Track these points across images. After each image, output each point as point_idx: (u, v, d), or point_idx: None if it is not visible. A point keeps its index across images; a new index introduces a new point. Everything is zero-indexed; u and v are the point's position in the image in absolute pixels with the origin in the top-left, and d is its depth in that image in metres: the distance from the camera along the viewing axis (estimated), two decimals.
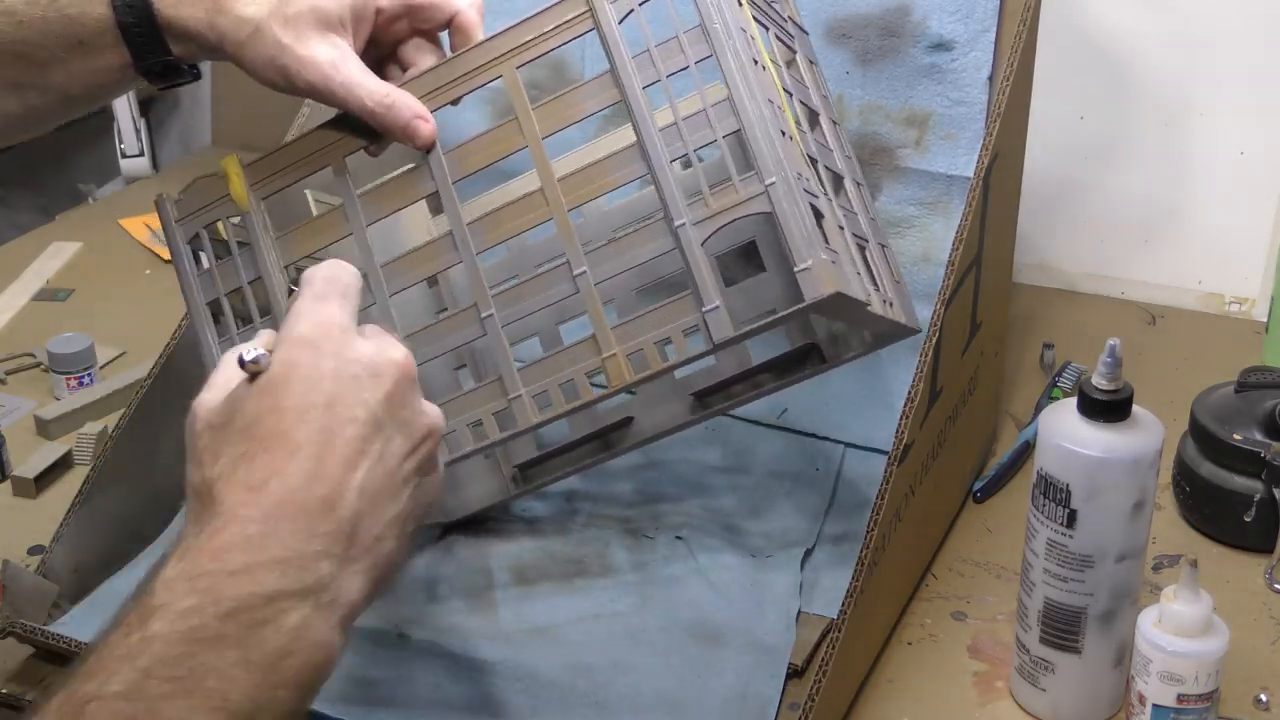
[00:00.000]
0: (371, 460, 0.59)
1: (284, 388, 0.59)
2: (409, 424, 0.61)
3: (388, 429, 0.60)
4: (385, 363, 0.61)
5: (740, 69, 0.77)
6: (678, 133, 0.79)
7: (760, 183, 0.77)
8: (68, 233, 1.63)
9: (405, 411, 0.61)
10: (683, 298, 0.80)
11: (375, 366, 0.61)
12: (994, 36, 1.04)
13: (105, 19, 0.78)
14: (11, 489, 1.13)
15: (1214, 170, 1.39)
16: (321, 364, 0.60)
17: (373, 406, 0.60)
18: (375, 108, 0.80)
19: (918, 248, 1.09)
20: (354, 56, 0.80)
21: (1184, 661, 0.81)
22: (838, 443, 1.11)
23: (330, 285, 0.64)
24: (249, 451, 0.58)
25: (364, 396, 0.60)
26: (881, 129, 1.08)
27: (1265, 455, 1.01)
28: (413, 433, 0.61)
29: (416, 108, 0.81)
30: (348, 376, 0.60)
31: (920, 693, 0.90)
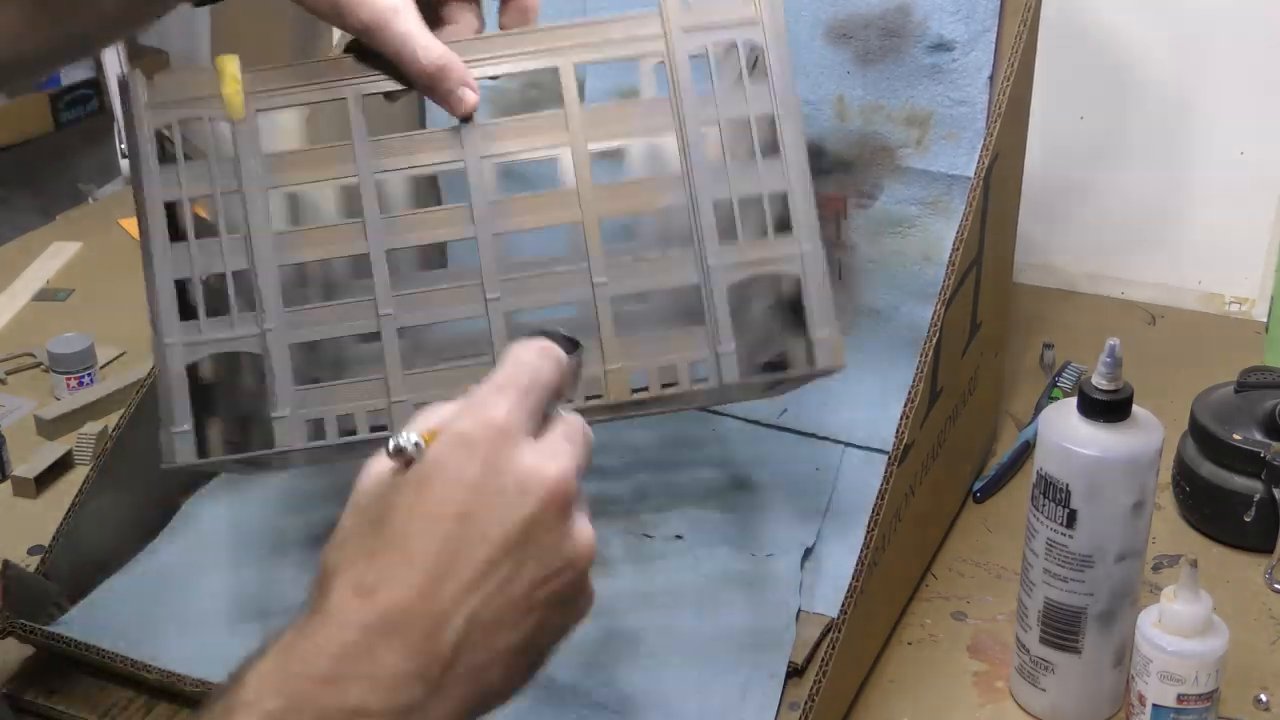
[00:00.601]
0: (493, 587, 0.55)
1: (423, 488, 0.55)
2: (550, 549, 0.56)
3: (520, 554, 0.55)
4: (537, 480, 0.56)
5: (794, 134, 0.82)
6: (725, 176, 0.81)
7: (796, 245, 0.81)
8: (68, 233, 1.63)
9: (548, 536, 0.56)
10: (692, 329, 0.81)
11: (525, 483, 0.56)
12: (994, 36, 1.04)
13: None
14: (11, 489, 1.13)
15: (1214, 170, 1.39)
16: (467, 470, 0.55)
17: (509, 527, 0.55)
18: (427, 65, 0.77)
19: (919, 247, 1.09)
20: (413, 7, 0.77)
21: (1184, 661, 0.81)
22: (838, 443, 1.11)
23: (516, 375, 0.58)
24: (370, 549, 0.55)
25: (503, 515, 0.55)
26: (882, 129, 1.08)
27: (1265, 455, 1.01)
28: (551, 561, 0.56)
29: (466, 75, 0.78)
30: (491, 490, 0.55)
31: (920, 693, 0.90)
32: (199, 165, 0.83)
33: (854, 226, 1.11)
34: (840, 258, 1.12)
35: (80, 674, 0.91)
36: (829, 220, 1.12)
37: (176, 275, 0.82)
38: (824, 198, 1.11)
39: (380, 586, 0.54)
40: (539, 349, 0.60)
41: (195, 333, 0.82)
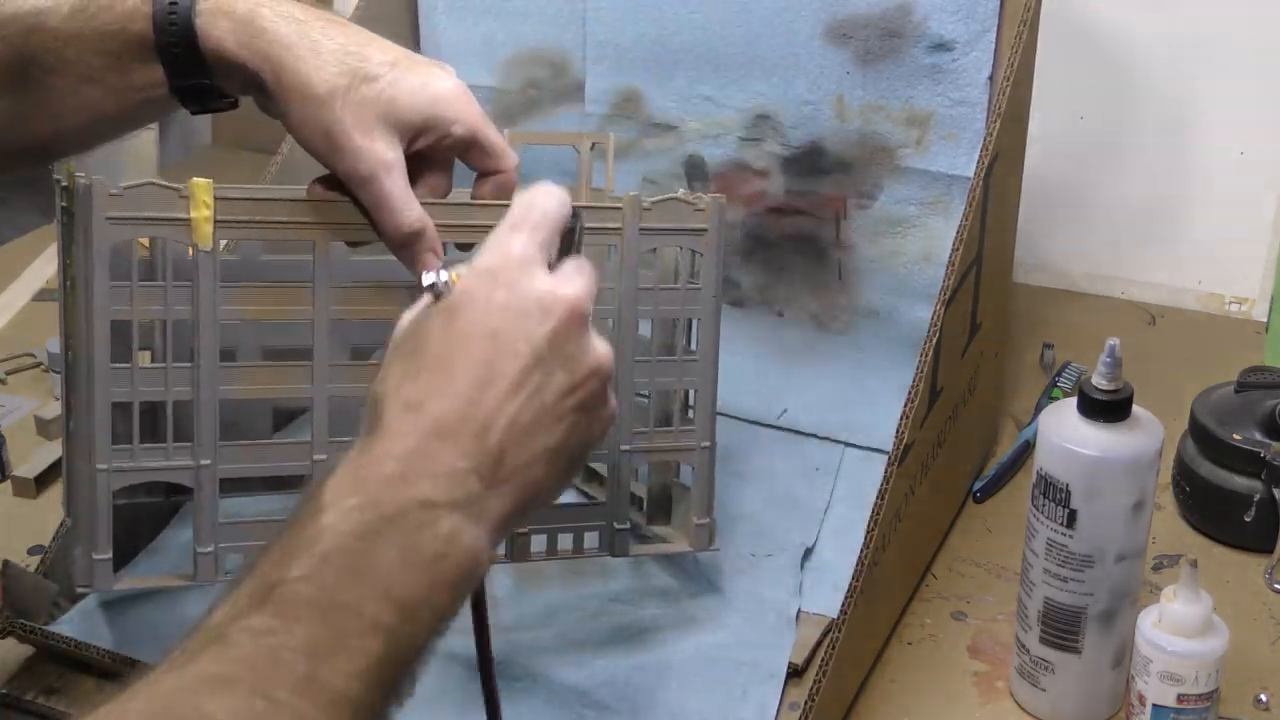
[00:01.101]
0: (527, 394, 0.61)
1: (456, 315, 0.62)
2: (573, 360, 0.63)
3: (549, 365, 0.62)
4: (556, 299, 0.62)
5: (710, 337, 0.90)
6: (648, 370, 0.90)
7: (697, 442, 0.91)
8: None
9: (570, 348, 0.63)
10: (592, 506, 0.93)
11: (546, 302, 0.62)
12: (994, 37, 1.04)
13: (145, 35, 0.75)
14: (11, 489, 1.13)
15: (1214, 170, 1.39)
16: (495, 295, 0.62)
17: (536, 342, 0.62)
18: (405, 228, 0.78)
19: (919, 247, 1.09)
20: (403, 166, 0.78)
21: (1184, 661, 0.81)
22: (837, 442, 1.11)
23: (526, 214, 0.65)
24: (413, 371, 0.61)
25: (530, 331, 0.62)
26: (882, 129, 1.08)
27: (1265, 455, 1.01)
28: (576, 370, 0.63)
29: (435, 242, 0.80)
30: (516, 310, 0.62)
31: (920, 693, 0.90)
32: (155, 289, 0.80)
33: (854, 226, 1.11)
34: (840, 258, 1.12)
35: (80, 674, 0.91)
36: (828, 220, 1.12)
37: (116, 398, 0.80)
38: (824, 198, 1.12)
39: (427, 400, 0.60)
40: (545, 190, 0.66)
41: (128, 459, 0.80)
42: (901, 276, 1.10)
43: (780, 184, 1.12)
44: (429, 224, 0.79)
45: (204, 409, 0.81)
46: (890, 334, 1.12)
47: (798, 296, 1.15)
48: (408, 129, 0.77)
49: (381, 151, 0.76)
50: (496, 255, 0.63)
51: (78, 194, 0.78)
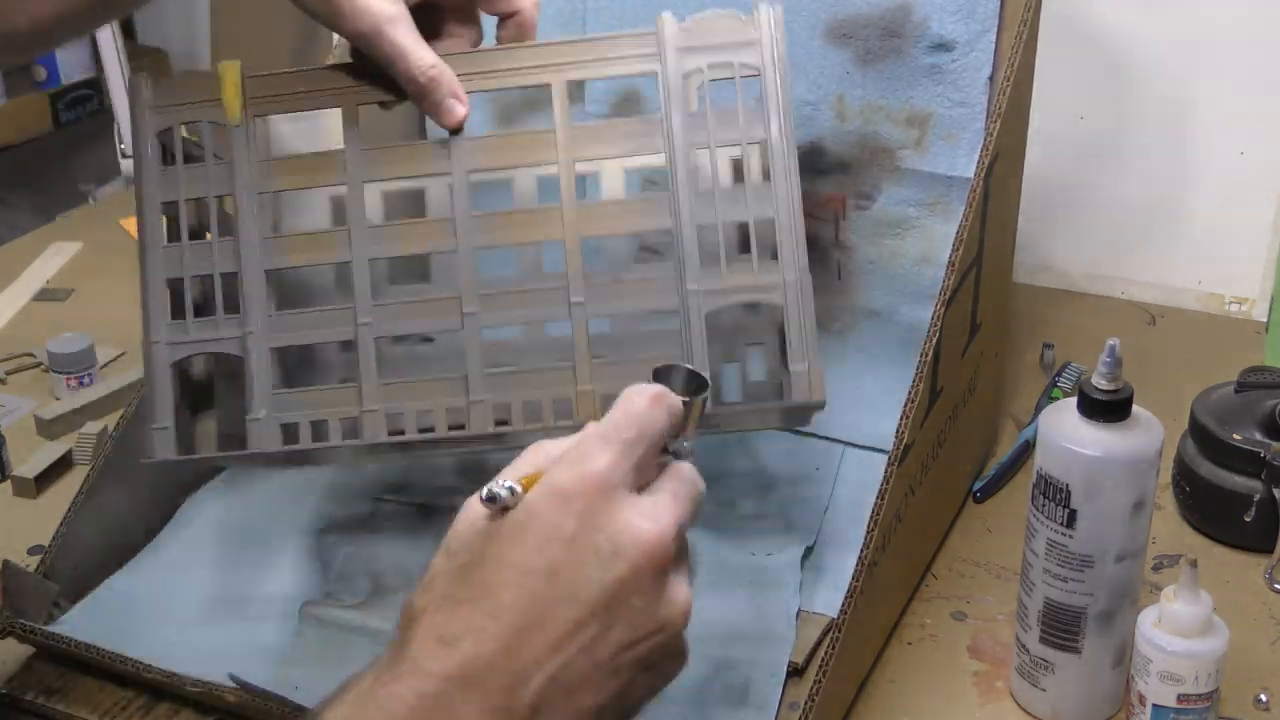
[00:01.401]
0: (578, 648, 0.53)
1: (516, 538, 0.54)
2: (641, 613, 0.55)
3: (610, 615, 0.54)
4: (632, 541, 0.54)
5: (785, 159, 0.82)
6: (713, 202, 0.81)
7: (780, 275, 0.82)
8: (68, 233, 1.63)
9: (640, 600, 0.54)
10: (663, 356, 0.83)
11: (619, 543, 0.54)
12: (994, 37, 1.04)
13: None
14: (11, 489, 1.13)
15: (1214, 170, 1.39)
16: (564, 524, 0.53)
17: (600, 588, 0.53)
18: (419, 76, 0.78)
19: (918, 248, 1.09)
20: (409, 18, 0.78)
21: (1184, 661, 0.81)
22: (838, 442, 1.12)
23: (624, 426, 0.56)
24: (456, 597, 0.53)
25: (594, 574, 0.53)
26: (882, 129, 1.08)
27: (1265, 455, 1.01)
28: (642, 624, 0.55)
29: (456, 87, 0.80)
30: (585, 548, 0.53)
31: (920, 693, 0.90)
32: (198, 168, 0.84)
33: (853, 227, 1.11)
34: (839, 258, 1.12)
35: (80, 674, 0.91)
36: (828, 221, 1.12)
37: (169, 275, 0.85)
38: (823, 198, 1.12)
39: (464, 637, 0.53)
40: (652, 397, 0.58)
41: (181, 333, 0.85)
42: (901, 277, 1.10)
43: None
44: (443, 71, 0.78)
45: (248, 278, 0.85)
46: (890, 334, 1.12)
47: None
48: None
49: (381, 7, 0.76)
50: (576, 474, 0.54)
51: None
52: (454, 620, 0.53)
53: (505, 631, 0.53)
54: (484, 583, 0.53)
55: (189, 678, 0.87)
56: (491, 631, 0.52)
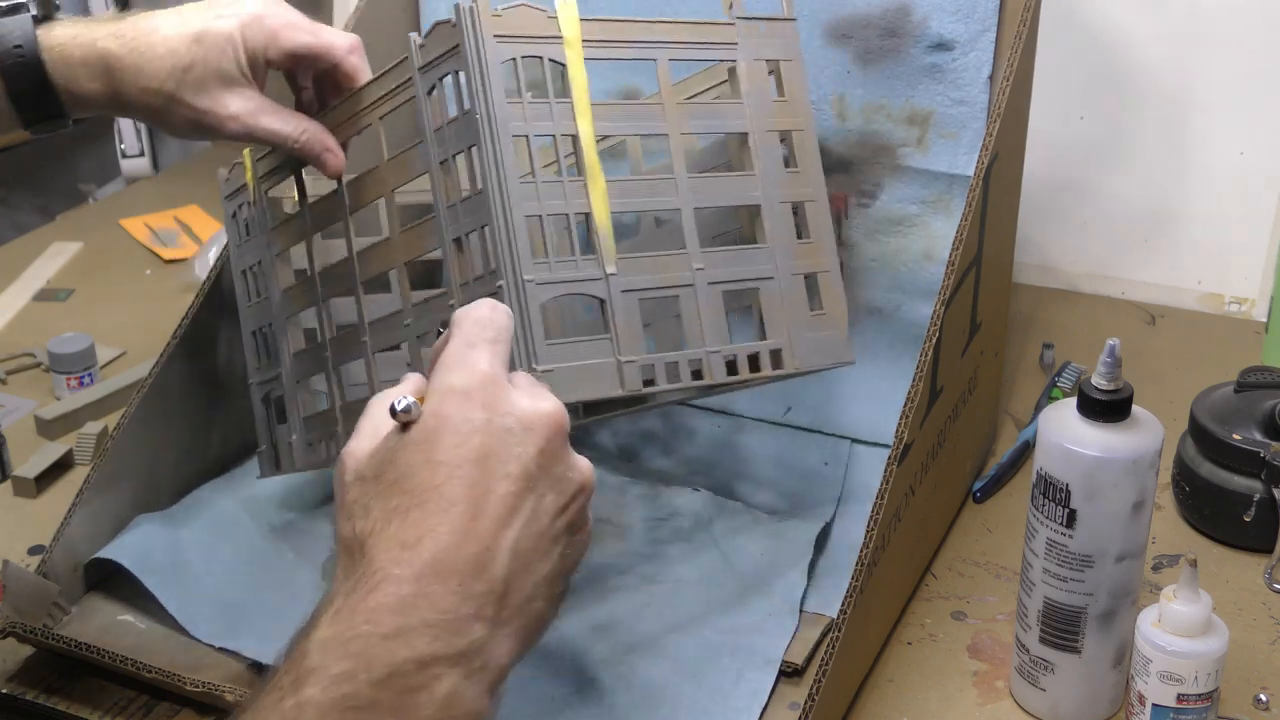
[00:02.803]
0: (524, 518, 0.58)
1: (436, 440, 0.58)
2: (562, 480, 0.60)
3: (540, 485, 0.59)
4: (537, 416, 0.59)
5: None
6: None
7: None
8: (68, 233, 1.63)
9: (558, 467, 0.60)
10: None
11: (528, 420, 0.59)
12: (994, 36, 1.04)
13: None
14: (11, 489, 1.13)
15: (1214, 170, 1.39)
16: (473, 416, 0.58)
17: (525, 462, 0.58)
18: (293, 145, 0.89)
19: (919, 246, 1.10)
20: (265, 101, 0.88)
21: (1184, 661, 0.81)
22: (844, 438, 1.12)
23: (481, 330, 0.62)
24: (401, 506, 0.57)
25: (517, 451, 0.58)
26: (883, 128, 1.08)
27: (1265, 455, 1.01)
28: (565, 489, 0.60)
29: (326, 141, 0.90)
30: (500, 430, 0.58)
31: (920, 693, 0.90)
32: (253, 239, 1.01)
33: (855, 225, 1.11)
34: (841, 256, 1.12)
35: (80, 674, 0.91)
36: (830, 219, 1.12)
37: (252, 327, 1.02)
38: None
39: (424, 536, 0.56)
40: (490, 305, 0.63)
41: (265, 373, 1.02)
42: (903, 275, 1.11)
43: None
44: (310, 134, 0.89)
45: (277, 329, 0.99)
46: (892, 332, 1.12)
47: None
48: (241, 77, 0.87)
49: (238, 107, 0.87)
50: (465, 374, 0.60)
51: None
52: (407, 526, 0.56)
53: (459, 520, 0.56)
54: (422, 487, 0.57)
55: (189, 678, 0.87)
56: (447, 524, 0.56)
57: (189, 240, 1.59)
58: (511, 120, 0.81)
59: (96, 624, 0.94)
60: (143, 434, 1.00)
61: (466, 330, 0.62)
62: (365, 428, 0.61)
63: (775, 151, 0.92)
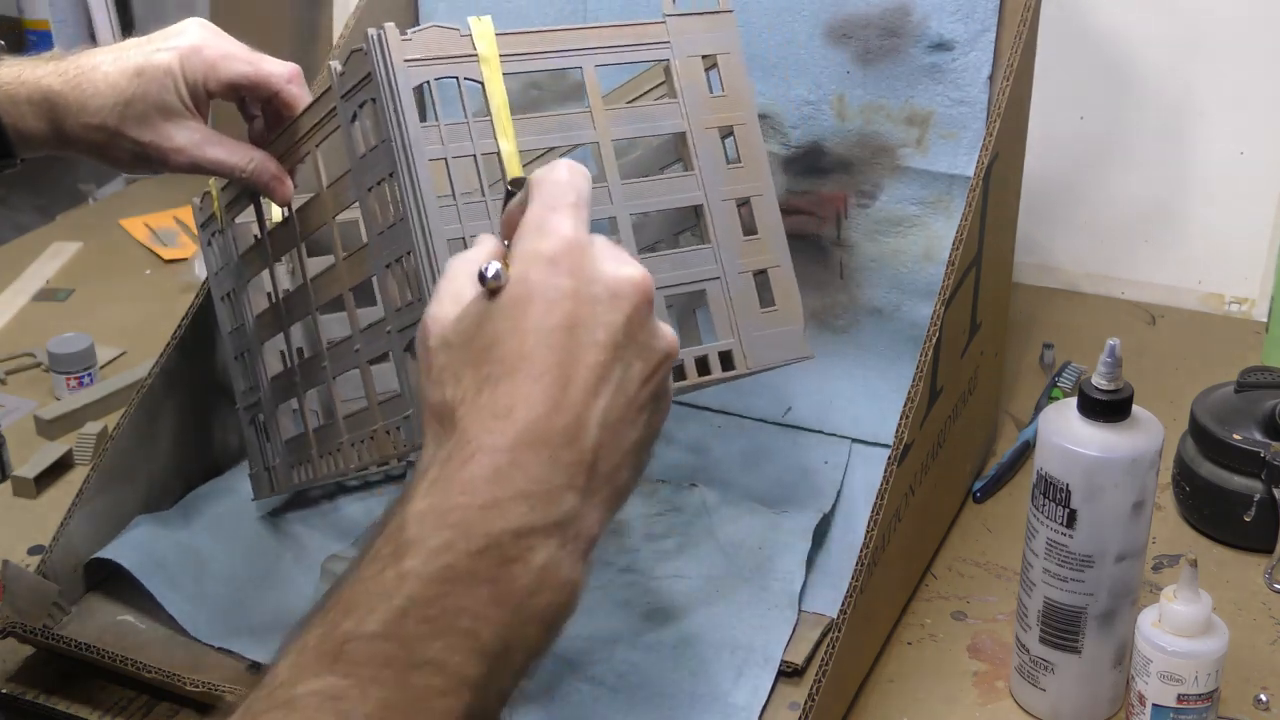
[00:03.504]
0: (613, 387, 0.57)
1: (524, 307, 0.56)
2: (647, 348, 0.58)
3: (627, 354, 0.58)
4: (624, 283, 0.58)
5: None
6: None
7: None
8: (68, 233, 1.63)
9: (644, 335, 0.58)
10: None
11: (615, 287, 0.57)
12: (994, 36, 1.04)
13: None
14: (11, 489, 1.13)
15: (1214, 170, 1.39)
16: (561, 283, 0.57)
17: (613, 330, 0.57)
18: (241, 175, 0.90)
19: (919, 246, 1.10)
20: (209, 133, 0.89)
21: (1184, 661, 0.81)
22: (844, 438, 1.12)
23: (562, 193, 0.59)
24: (492, 375, 0.56)
25: (605, 319, 0.57)
26: (883, 128, 1.08)
27: (1265, 455, 1.01)
28: (650, 357, 0.59)
29: (273, 169, 0.91)
30: (588, 297, 0.57)
31: (920, 693, 0.90)
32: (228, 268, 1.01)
33: (855, 226, 1.11)
34: (841, 257, 1.12)
35: (80, 674, 0.91)
36: (830, 219, 1.12)
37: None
38: (825, 197, 1.12)
39: (516, 406, 0.55)
40: (568, 165, 0.61)
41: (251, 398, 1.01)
42: (903, 275, 1.11)
43: (781, 184, 1.12)
44: (258, 163, 0.90)
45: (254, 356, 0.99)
46: (893, 332, 1.12)
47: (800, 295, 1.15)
48: (184, 109, 0.88)
49: (184, 139, 0.88)
50: (550, 240, 0.58)
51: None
52: (499, 395, 0.55)
53: (550, 389, 0.55)
54: (512, 353, 0.56)
55: (189, 678, 0.87)
56: (539, 394, 0.55)
57: (189, 240, 1.59)
58: (426, 144, 0.80)
59: (96, 624, 0.94)
60: (143, 434, 1.00)
61: (547, 193, 0.60)
62: (445, 291, 0.59)
63: (716, 148, 0.89)
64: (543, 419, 0.55)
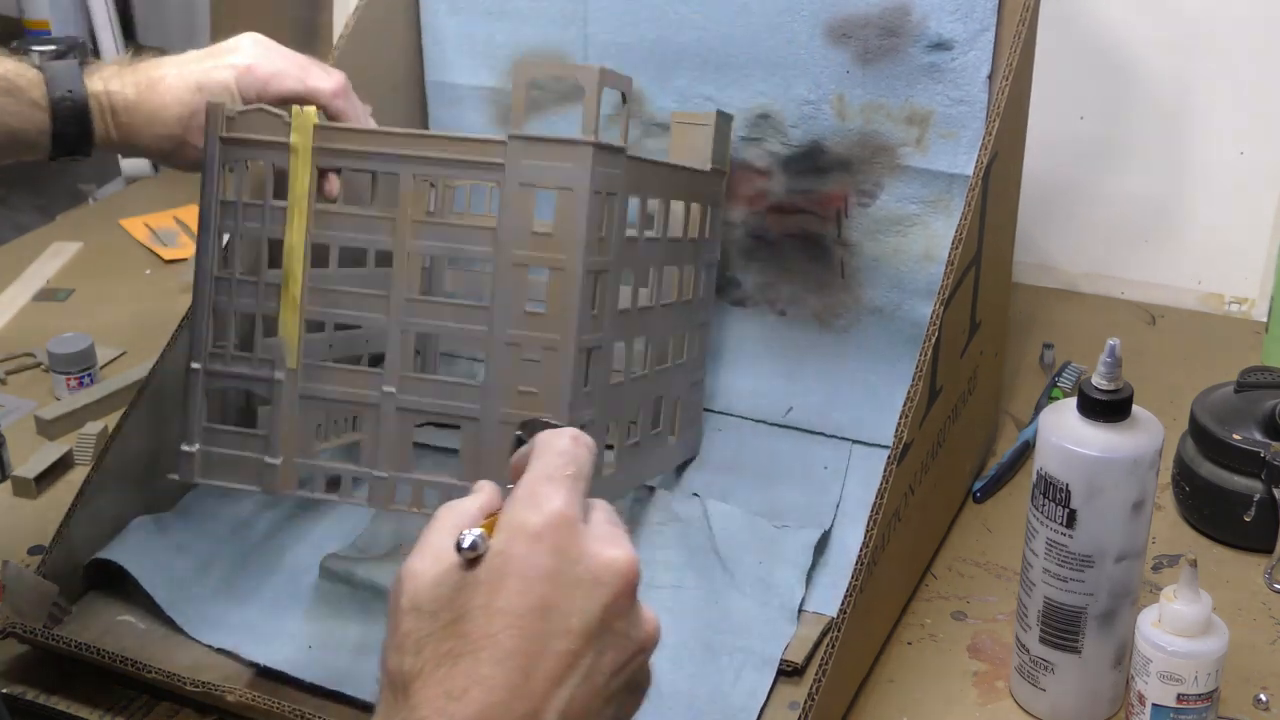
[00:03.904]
0: (579, 677, 0.55)
1: (499, 584, 0.55)
2: (625, 636, 0.57)
3: (601, 642, 0.56)
4: (607, 568, 0.56)
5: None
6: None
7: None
8: (68, 233, 1.63)
9: (621, 623, 0.56)
10: None
11: (598, 571, 0.56)
12: (993, 36, 1.04)
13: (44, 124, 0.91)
14: (11, 489, 1.13)
15: (1214, 170, 1.39)
16: (542, 562, 0.55)
17: (589, 617, 0.55)
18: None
19: (920, 245, 1.10)
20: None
21: (1184, 661, 0.81)
22: (844, 440, 1.12)
23: (561, 465, 0.58)
24: (454, 651, 0.54)
25: (581, 605, 0.55)
26: (883, 127, 1.08)
27: (1265, 455, 1.01)
28: (627, 646, 0.57)
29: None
30: (568, 580, 0.55)
31: (920, 693, 0.90)
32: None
33: (855, 225, 1.11)
34: (842, 256, 1.12)
35: (80, 674, 0.91)
36: (830, 219, 1.12)
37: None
38: (825, 196, 1.12)
39: (471, 689, 0.53)
40: (571, 437, 0.60)
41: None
42: (903, 274, 1.11)
43: (782, 183, 1.12)
44: None
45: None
46: (893, 331, 1.12)
47: (800, 295, 1.15)
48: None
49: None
50: (539, 514, 0.56)
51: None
52: (456, 675, 0.54)
53: (511, 675, 0.54)
54: (477, 631, 0.54)
55: (189, 678, 0.87)
56: (499, 677, 0.54)
57: (189, 240, 1.59)
58: (220, 218, 0.88)
59: (96, 624, 0.94)
60: (143, 434, 1.00)
61: (547, 462, 0.59)
62: (428, 545, 0.58)
63: (519, 290, 0.82)
64: (498, 705, 0.53)
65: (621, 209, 0.86)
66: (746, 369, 1.17)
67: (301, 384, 0.86)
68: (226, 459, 0.88)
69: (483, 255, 0.83)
